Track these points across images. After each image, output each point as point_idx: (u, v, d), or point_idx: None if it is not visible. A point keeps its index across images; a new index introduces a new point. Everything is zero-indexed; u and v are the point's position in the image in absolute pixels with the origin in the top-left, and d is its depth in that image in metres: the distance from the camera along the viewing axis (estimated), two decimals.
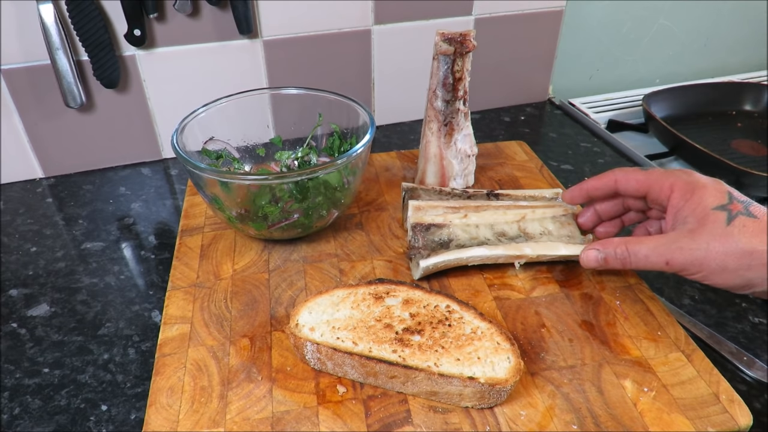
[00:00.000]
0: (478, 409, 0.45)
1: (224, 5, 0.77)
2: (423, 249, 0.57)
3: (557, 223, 0.60)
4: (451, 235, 0.58)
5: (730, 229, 0.43)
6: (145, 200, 0.78)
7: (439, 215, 0.59)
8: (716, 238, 0.44)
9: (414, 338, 0.47)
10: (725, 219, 0.44)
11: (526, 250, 0.56)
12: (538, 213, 0.61)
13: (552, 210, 0.61)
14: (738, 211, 0.44)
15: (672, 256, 0.45)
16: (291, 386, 0.47)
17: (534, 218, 0.60)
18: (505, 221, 0.59)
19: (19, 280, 0.64)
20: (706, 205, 0.45)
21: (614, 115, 1.00)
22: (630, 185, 0.52)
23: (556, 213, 0.61)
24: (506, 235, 0.59)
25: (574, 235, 0.59)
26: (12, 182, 0.82)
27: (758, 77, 1.14)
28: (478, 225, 0.59)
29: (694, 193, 0.47)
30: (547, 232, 0.59)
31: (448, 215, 0.60)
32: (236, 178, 0.57)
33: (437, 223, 0.59)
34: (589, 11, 1.00)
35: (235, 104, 0.67)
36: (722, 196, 0.46)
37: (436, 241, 0.58)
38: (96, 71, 0.75)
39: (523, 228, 0.59)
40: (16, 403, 0.50)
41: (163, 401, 0.46)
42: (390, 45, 0.88)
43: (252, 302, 0.56)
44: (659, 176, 0.50)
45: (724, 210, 0.45)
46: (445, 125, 0.66)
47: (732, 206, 0.45)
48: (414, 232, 0.58)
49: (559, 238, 0.58)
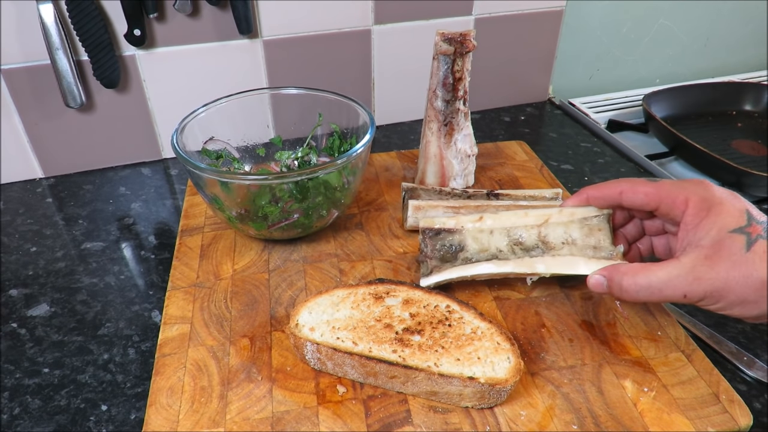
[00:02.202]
0: (478, 409, 0.45)
1: (224, 5, 0.77)
2: (431, 257, 0.54)
3: (585, 229, 0.52)
4: (462, 243, 0.53)
5: (750, 257, 0.40)
6: (145, 200, 0.78)
7: (451, 218, 0.54)
8: (735, 267, 0.40)
9: (414, 338, 0.47)
10: (744, 244, 0.41)
11: (538, 268, 0.50)
12: (566, 214, 0.52)
13: (582, 210, 0.52)
14: (758, 235, 0.41)
15: (690, 289, 0.41)
16: (291, 386, 0.47)
17: (559, 221, 0.52)
18: (524, 225, 0.52)
19: (19, 280, 0.64)
20: (723, 226, 0.42)
21: (614, 115, 1.00)
22: (637, 198, 0.47)
23: (587, 214, 0.52)
24: (522, 244, 0.52)
25: (601, 246, 0.51)
26: (12, 182, 0.82)
27: (758, 77, 1.14)
28: (493, 231, 0.53)
29: (710, 211, 0.43)
30: (570, 242, 0.51)
31: (460, 218, 0.54)
32: (236, 178, 0.57)
33: (448, 228, 0.54)
34: (589, 11, 1.00)
35: (235, 104, 0.67)
36: (740, 216, 0.42)
37: (445, 246, 0.54)
38: (96, 71, 0.75)
39: (544, 235, 0.52)
40: (16, 403, 0.50)
41: (163, 401, 0.46)
42: (390, 45, 0.88)
43: (252, 302, 0.56)
44: (671, 189, 0.45)
45: (743, 233, 0.41)
46: (445, 125, 0.66)
47: (751, 229, 0.41)
48: (423, 237, 0.55)
49: (582, 250, 0.51)
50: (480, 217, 0.53)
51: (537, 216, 0.52)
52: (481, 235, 0.53)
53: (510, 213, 0.53)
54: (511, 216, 0.53)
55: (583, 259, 0.50)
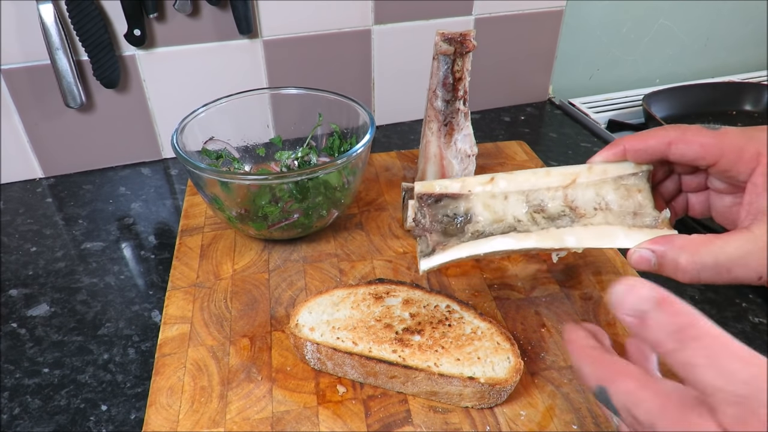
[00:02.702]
0: (478, 409, 0.45)
1: (224, 5, 0.77)
2: (430, 230, 0.43)
3: (621, 190, 0.41)
4: (470, 211, 0.43)
5: None
6: (145, 200, 0.78)
7: (456, 181, 0.44)
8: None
9: (414, 338, 0.47)
10: None
11: (568, 241, 0.40)
12: (597, 172, 0.42)
13: (616, 167, 0.42)
14: None
15: None
16: (291, 386, 0.47)
17: (589, 182, 0.42)
18: (546, 187, 0.42)
19: (19, 280, 0.64)
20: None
21: (614, 115, 1.00)
22: (691, 151, 0.37)
23: (622, 171, 0.41)
24: (545, 211, 0.42)
25: (642, 211, 0.41)
26: (12, 182, 0.82)
27: (758, 77, 1.14)
28: (507, 195, 0.42)
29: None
30: (605, 206, 0.41)
31: (467, 180, 0.43)
32: (236, 178, 0.57)
33: (452, 192, 0.43)
34: (589, 11, 1.00)
35: (235, 104, 0.67)
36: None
37: (448, 216, 0.43)
38: (96, 71, 0.75)
39: (571, 200, 0.42)
40: (16, 403, 0.50)
41: (163, 401, 0.46)
42: (390, 45, 0.88)
43: (252, 302, 0.56)
44: (737, 139, 0.36)
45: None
46: (445, 125, 0.66)
47: None
48: (420, 205, 0.44)
49: (620, 217, 0.41)
50: (491, 179, 0.43)
51: (561, 175, 0.42)
52: (494, 201, 0.43)
53: (528, 172, 0.43)
54: (530, 176, 0.43)
55: (622, 229, 0.40)
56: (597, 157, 0.42)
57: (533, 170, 0.43)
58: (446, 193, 0.43)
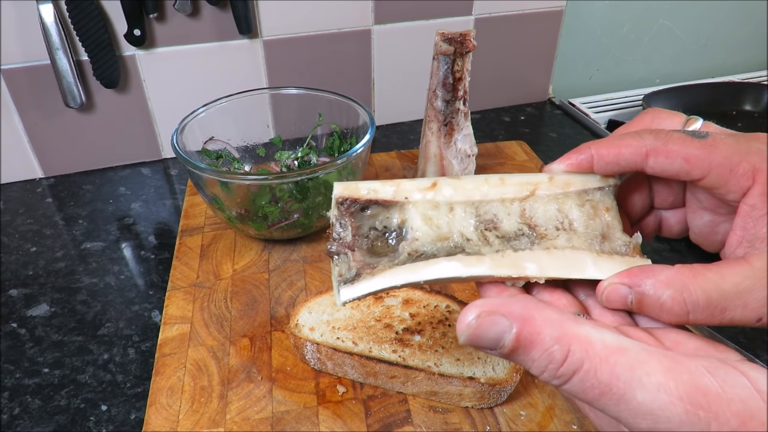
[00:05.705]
0: (478, 409, 0.45)
1: (224, 5, 0.77)
2: (352, 246, 0.33)
3: (587, 207, 0.34)
4: (405, 225, 0.33)
5: None
6: (145, 200, 0.78)
7: (388, 184, 0.33)
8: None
9: (414, 338, 0.47)
10: None
11: (528, 269, 0.32)
12: (558, 183, 0.34)
13: (581, 179, 0.34)
14: None
15: None
16: (291, 386, 0.47)
17: (550, 195, 0.34)
18: (500, 198, 0.34)
19: (19, 280, 0.64)
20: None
21: (614, 115, 1.00)
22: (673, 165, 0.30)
23: (587, 184, 0.34)
24: (498, 229, 0.33)
25: (610, 234, 0.34)
26: (12, 182, 0.82)
27: (758, 77, 1.14)
28: (453, 206, 0.33)
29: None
30: (568, 226, 0.34)
31: (403, 184, 0.33)
32: (236, 178, 0.57)
33: (382, 198, 0.33)
34: (589, 11, 1.00)
35: (235, 104, 0.67)
36: None
37: (378, 231, 0.33)
38: (96, 71, 0.75)
39: (530, 216, 0.34)
40: (16, 403, 0.50)
41: (163, 401, 0.46)
42: (390, 45, 0.88)
43: (252, 302, 0.56)
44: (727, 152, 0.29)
45: None
46: (445, 125, 0.66)
47: None
48: (340, 213, 0.33)
49: (587, 240, 0.33)
50: (433, 184, 0.34)
51: (518, 185, 0.34)
52: (436, 212, 0.33)
53: (479, 178, 0.35)
54: (481, 183, 0.34)
55: (590, 255, 0.33)
56: (557, 164, 0.34)
57: (485, 176, 0.35)
58: (375, 198, 0.33)
